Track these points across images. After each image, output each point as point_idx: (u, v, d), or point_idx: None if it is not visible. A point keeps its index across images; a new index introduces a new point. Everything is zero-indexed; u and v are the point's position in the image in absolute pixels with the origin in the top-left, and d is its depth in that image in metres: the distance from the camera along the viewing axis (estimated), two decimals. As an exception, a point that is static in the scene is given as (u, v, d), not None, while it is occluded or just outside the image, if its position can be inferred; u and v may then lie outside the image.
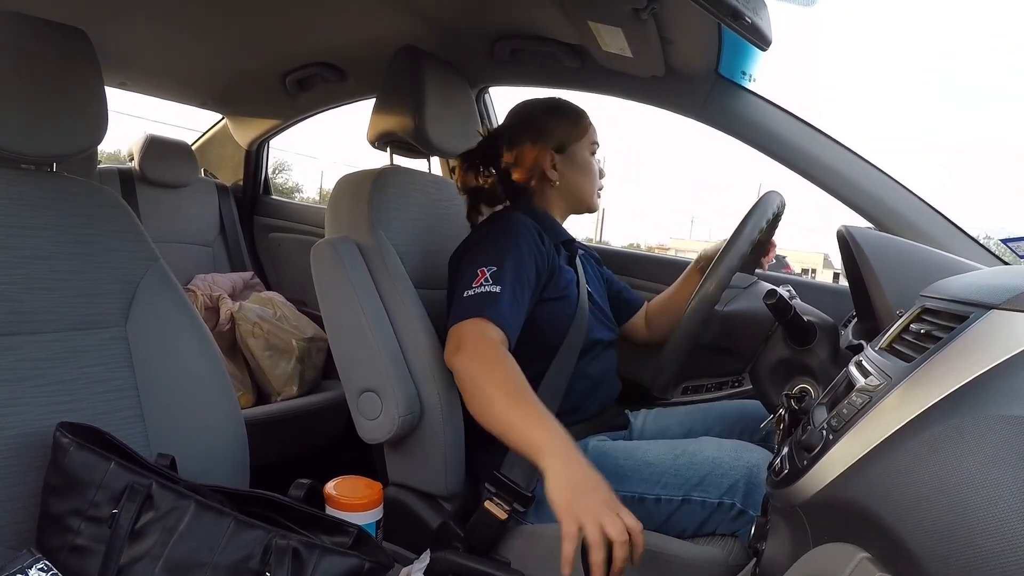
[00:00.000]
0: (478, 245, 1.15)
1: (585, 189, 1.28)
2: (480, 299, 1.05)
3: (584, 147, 1.27)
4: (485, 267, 1.08)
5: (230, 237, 2.38)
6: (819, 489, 0.55)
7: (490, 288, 1.06)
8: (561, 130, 1.26)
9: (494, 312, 1.03)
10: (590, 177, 1.28)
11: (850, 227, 0.99)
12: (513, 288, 1.07)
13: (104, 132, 0.96)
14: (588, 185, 1.28)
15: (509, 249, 1.11)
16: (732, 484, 0.99)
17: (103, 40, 1.00)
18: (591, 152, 1.29)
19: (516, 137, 1.28)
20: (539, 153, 1.25)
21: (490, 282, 1.06)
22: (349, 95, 1.97)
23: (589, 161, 1.28)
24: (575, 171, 1.27)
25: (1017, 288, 0.51)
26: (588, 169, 1.28)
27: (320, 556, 0.75)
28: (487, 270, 1.08)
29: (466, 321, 1.03)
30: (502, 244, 1.12)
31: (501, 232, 1.15)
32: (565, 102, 1.31)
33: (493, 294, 1.05)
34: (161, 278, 0.99)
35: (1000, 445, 0.41)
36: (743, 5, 0.87)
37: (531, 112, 1.29)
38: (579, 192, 1.28)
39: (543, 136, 1.26)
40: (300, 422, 1.77)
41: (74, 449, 0.77)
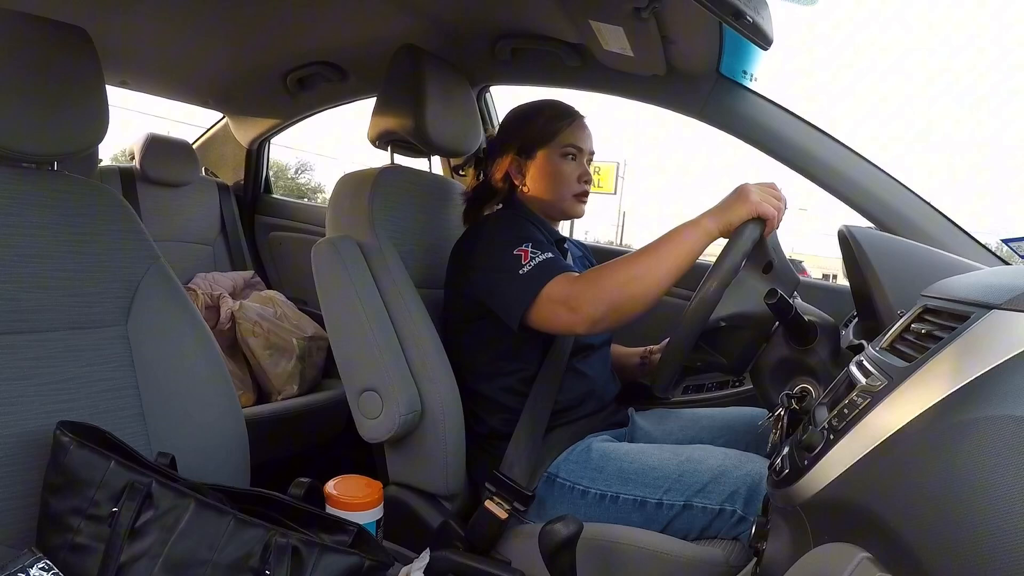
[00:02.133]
0: (496, 236, 1.14)
1: (553, 195, 1.24)
2: (540, 268, 1.05)
3: (554, 152, 1.23)
4: (522, 246, 1.07)
5: (231, 236, 2.38)
6: (820, 489, 0.55)
7: (541, 258, 1.06)
8: (528, 134, 1.24)
9: (562, 268, 1.05)
10: (558, 183, 1.23)
11: (851, 227, 0.99)
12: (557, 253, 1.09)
13: (105, 131, 0.96)
14: (555, 191, 1.24)
15: (530, 234, 1.12)
16: (733, 491, 0.99)
17: (104, 39, 1.00)
18: (565, 155, 1.23)
19: (496, 140, 1.28)
20: (505, 158, 1.25)
21: (539, 254, 1.06)
22: (350, 94, 1.97)
23: (559, 166, 1.23)
24: (541, 176, 1.24)
25: (1018, 288, 0.51)
26: (556, 175, 1.23)
27: (320, 554, 0.76)
28: (526, 247, 1.07)
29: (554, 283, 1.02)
30: (521, 230, 1.13)
31: (511, 224, 1.15)
32: (544, 105, 1.28)
33: (549, 259, 1.06)
34: (162, 277, 0.99)
35: (1001, 445, 0.41)
36: (745, 4, 0.87)
37: (511, 115, 1.29)
38: (547, 198, 1.25)
39: (511, 140, 1.25)
40: (300, 421, 1.77)
41: (74, 448, 0.77)
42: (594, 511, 1.06)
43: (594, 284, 1.00)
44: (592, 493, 1.06)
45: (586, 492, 1.07)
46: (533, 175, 1.25)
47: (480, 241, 1.16)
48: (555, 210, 1.26)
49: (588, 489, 1.07)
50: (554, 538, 0.83)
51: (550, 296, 1.02)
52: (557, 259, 1.08)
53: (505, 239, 1.11)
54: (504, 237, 1.11)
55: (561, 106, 1.27)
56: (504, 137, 1.27)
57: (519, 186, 1.26)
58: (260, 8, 1.53)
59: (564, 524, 0.84)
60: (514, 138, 1.25)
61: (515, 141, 1.25)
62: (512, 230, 1.13)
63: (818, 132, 1.34)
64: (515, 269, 1.06)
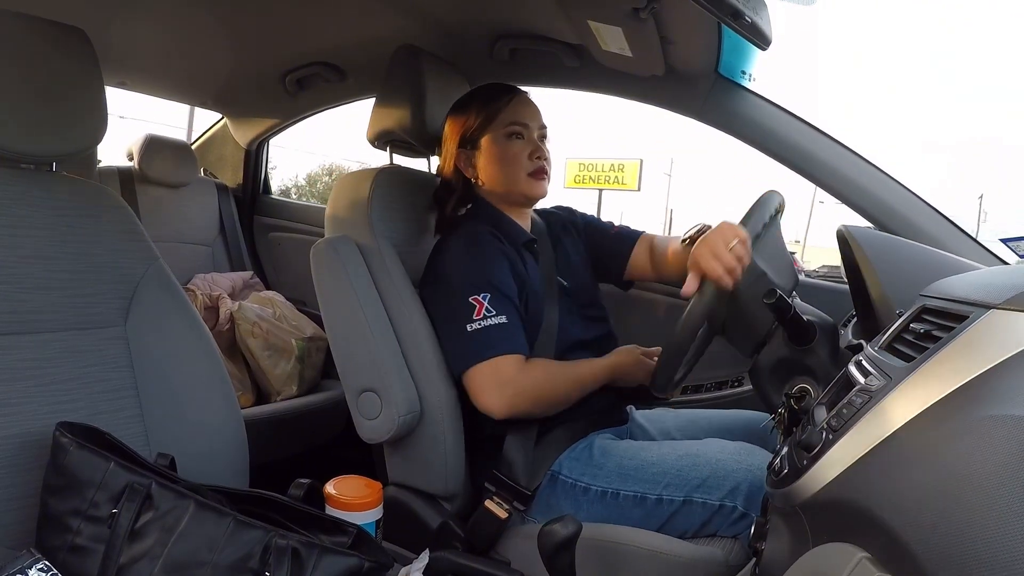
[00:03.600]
0: (459, 267, 1.13)
1: (506, 178, 1.19)
2: (493, 333, 1.07)
3: (498, 133, 1.18)
4: (479, 295, 1.08)
5: (230, 237, 2.37)
6: (819, 489, 0.55)
7: (496, 320, 1.07)
8: (465, 124, 1.20)
9: (512, 345, 1.08)
10: (508, 165, 1.18)
11: (850, 226, 0.99)
12: (513, 311, 1.10)
13: (104, 132, 0.96)
14: (507, 175, 1.19)
15: (492, 270, 1.11)
16: (734, 487, 0.99)
17: (102, 40, 1.00)
18: (510, 135, 1.18)
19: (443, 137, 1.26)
20: (449, 153, 1.23)
21: (492, 313, 1.07)
22: (349, 95, 1.97)
23: (504, 146, 1.18)
24: (488, 163, 1.20)
25: (1017, 287, 0.51)
26: (506, 156, 1.18)
27: (320, 556, 0.75)
28: (482, 299, 1.08)
29: (492, 362, 1.07)
30: (483, 266, 1.11)
31: (473, 253, 1.13)
32: (477, 90, 1.25)
33: (502, 326, 1.07)
34: (161, 278, 0.99)
35: (1000, 445, 0.41)
36: (743, 4, 0.87)
37: (450, 109, 1.26)
38: (503, 183, 1.20)
39: (451, 136, 1.22)
40: (300, 422, 1.77)
41: (74, 449, 0.77)
42: (596, 508, 1.06)
43: (531, 386, 1.08)
44: (593, 490, 1.06)
45: (588, 489, 1.07)
46: (482, 165, 1.21)
47: (443, 266, 1.16)
48: (515, 196, 1.21)
49: (590, 486, 1.07)
50: (553, 538, 0.83)
51: (490, 371, 1.07)
52: (508, 327, 1.08)
53: (471, 275, 1.10)
54: (470, 272, 1.11)
55: (496, 86, 1.23)
56: (447, 131, 1.24)
57: (473, 180, 1.23)
58: (259, 9, 1.53)
59: (563, 524, 0.84)
60: (452, 134, 1.22)
61: (452, 136, 1.22)
62: (479, 265, 1.11)
63: (817, 132, 1.34)
64: (464, 322, 1.08)
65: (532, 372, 1.08)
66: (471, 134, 1.20)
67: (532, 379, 1.08)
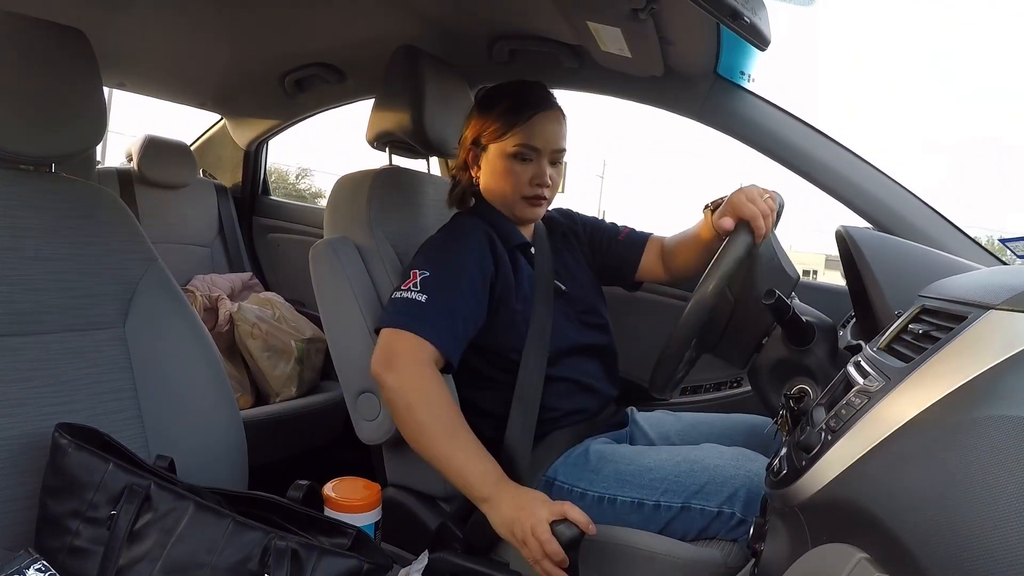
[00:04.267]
0: (426, 245, 1.13)
1: (502, 195, 1.17)
2: (406, 306, 1.03)
3: (504, 149, 1.14)
4: (418, 269, 1.06)
5: (229, 238, 2.38)
6: (817, 490, 0.55)
7: (415, 295, 1.03)
8: (483, 124, 1.17)
9: (426, 327, 1.00)
10: (506, 183, 1.16)
11: (849, 227, 0.99)
12: (442, 298, 1.03)
13: (103, 133, 0.96)
14: (507, 192, 1.16)
15: (452, 256, 1.08)
16: (732, 493, 0.99)
17: (102, 41, 1.00)
18: (517, 156, 1.14)
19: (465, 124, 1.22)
20: (464, 145, 1.20)
21: (417, 288, 1.04)
22: (348, 95, 1.97)
23: (508, 165, 1.15)
24: (489, 172, 1.18)
25: (1015, 288, 0.51)
26: (504, 174, 1.15)
27: (319, 557, 0.75)
28: (419, 273, 1.05)
29: (398, 332, 1.01)
30: (446, 249, 1.10)
31: (449, 236, 1.13)
32: (509, 93, 1.18)
33: (418, 303, 1.02)
34: (160, 279, 0.99)
35: (999, 445, 0.41)
36: (742, 5, 0.87)
37: (480, 96, 1.23)
38: (498, 198, 1.19)
39: (470, 129, 1.20)
40: (299, 423, 1.77)
41: (73, 450, 0.76)
42: (592, 514, 1.05)
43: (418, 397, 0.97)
44: (590, 496, 1.06)
45: (584, 495, 1.06)
46: (484, 169, 1.19)
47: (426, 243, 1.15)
48: (505, 209, 1.19)
49: (586, 492, 1.06)
50: (558, 540, 0.82)
51: (387, 338, 1.01)
52: (424, 308, 1.02)
53: (428, 252, 1.11)
54: (430, 250, 1.11)
55: (527, 98, 1.16)
56: (468, 122, 1.21)
57: (475, 177, 1.21)
58: (258, 9, 1.53)
59: (567, 526, 0.84)
60: (470, 126, 1.20)
61: (473, 129, 1.19)
62: (443, 247, 1.10)
63: (816, 133, 1.34)
64: (395, 288, 1.07)
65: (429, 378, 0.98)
66: (484, 138, 1.18)
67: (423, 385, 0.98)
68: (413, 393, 0.97)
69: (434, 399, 0.98)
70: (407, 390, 0.97)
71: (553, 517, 0.87)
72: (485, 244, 1.13)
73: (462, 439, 0.97)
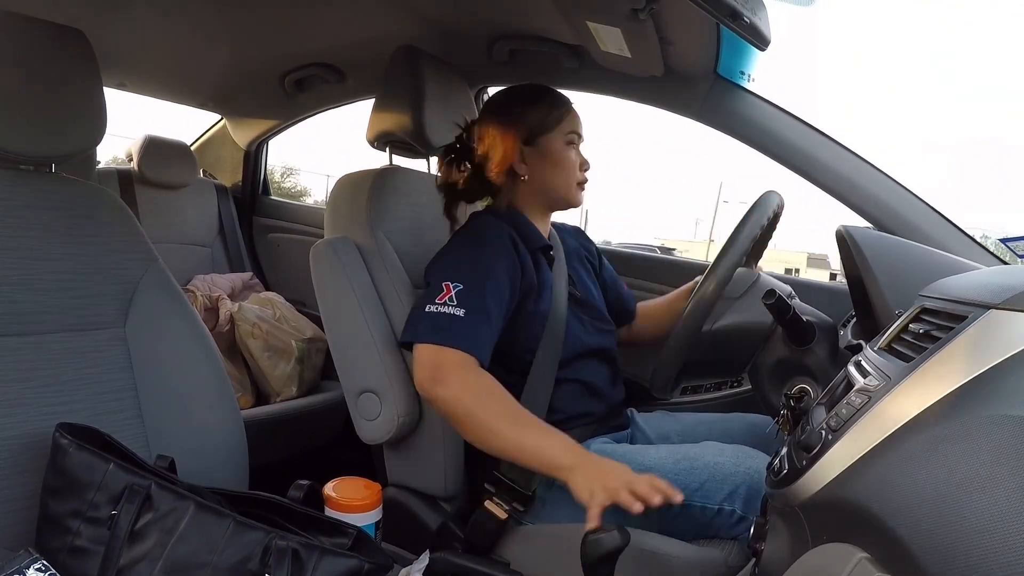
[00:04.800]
0: (451, 253, 1.12)
1: (556, 183, 1.20)
2: (448, 322, 1.03)
3: (558, 138, 1.19)
4: (451, 282, 1.06)
5: (229, 238, 2.38)
6: (818, 489, 0.55)
7: (452, 310, 1.04)
8: (531, 120, 1.19)
9: (468, 341, 1.03)
10: (563, 170, 1.20)
11: (849, 227, 0.99)
12: (479, 311, 1.05)
13: (103, 133, 0.96)
14: (560, 179, 1.20)
15: (482, 265, 1.08)
16: (732, 490, 0.99)
17: (101, 41, 1.00)
18: (568, 143, 1.20)
19: (488, 129, 1.20)
20: (508, 145, 1.19)
21: (454, 302, 1.04)
22: (348, 95, 1.97)
23: (562, 153, 1.19)
24: (544, 164, 1.19)
25: (1016, 288, 0.51)
26: (560, 162, 1.19)
27: (319, 557, 0.75)
28: (453, 287, 1.05)
29: (441, 348, 1.02)
30: (475, 257, 1.09)
31: (475, 243, 1.12)
32: (542, 89, 1.23)
33: (458, 319, 1.03)
34: (160, 279, 0.99)
35: (999, 445, 0.41)
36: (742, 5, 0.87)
37: (504, 102, 1.23)
38: (550, 186, 1.20)
39: (512, 126, 1.19)
40: (299, 423, 1.77)
41: (73, 450, 0.76)
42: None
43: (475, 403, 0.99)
44: None
45: None
46: (536, 164, 1.19)
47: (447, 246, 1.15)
48: (558, 200, 1.22)
49: None
50: (598, 548, 0.80)
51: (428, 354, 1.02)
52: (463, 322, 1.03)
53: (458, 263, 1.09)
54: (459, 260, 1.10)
55: (557, 92, 1.24)
56: (499, 124, 1.20)
57: (522, 176, 1.20)
58: (258, 9, 1.53)
59: (611, 536, 0.80)
60: (513, 125, 1.19)
61: (515, 127, 1.19)
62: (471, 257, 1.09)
63: (816, 132, 1.34)
64: (427, 303, 1.06)
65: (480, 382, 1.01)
66: (534, 132, 1.19)
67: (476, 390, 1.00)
68: (470, 399, 1.00)
69: (490, 396, 1.00)
70: (463, 398, 1.00)
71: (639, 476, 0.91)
72: (511, 247, 1.13)
73: (525, 422, 0.99)
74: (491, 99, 1.26)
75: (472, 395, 1.00)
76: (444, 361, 1.02)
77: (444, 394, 1.00)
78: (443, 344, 1.02)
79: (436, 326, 1.04)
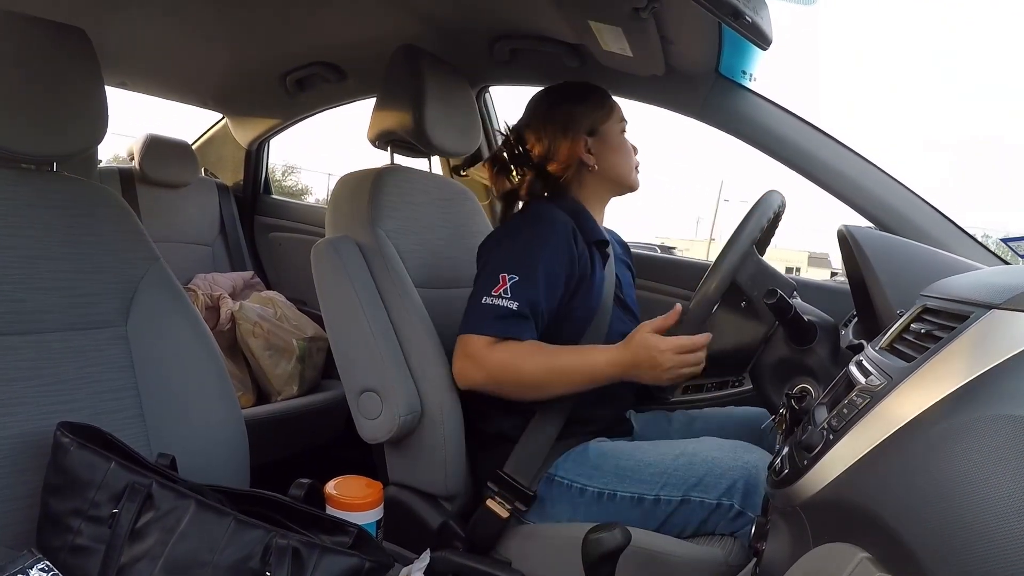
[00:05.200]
0: (509, 241, 1.12)
1: (624, 167, 1.25)
2: (499, 313, 1.05)
3: (614, 125, 1.25)
4: (508, 273, 1.07)
5: (230, 237, 2.38)
6: (819, 489, 0.55)
7: (507, 303, 1.05)
8: (589, 113, 1.23)
9: (521, 330, 1.06)
10: (625, 155, 1.26)
11: (851, 227, 0.99)
12: (531, 304, 1.07)
13: (104, 132, 0.96)
14: (626, 163, 1.26)
15: (540, 258, 1.09)
16: (731, 485, 0.99)
17: (103, 40, 1.00)
18: (622, 130, 1.27)
19: (545, 129, 1.23)
20: (573, 142, 1.21)
21: (508, 295, 1.06)
22: (349, 95, 1.97)
23: (622, 139, 1.26)
24: (610, 151, 1.24)
25: (1018, 287, 0.51)
26: (622, 147, 1.26)
27: (320, 556, 0.76)
28: (508, 279, 1.06)
29: (483, 338, 1.05)
30: (533, 251, 1.09)
31: (536, 234, 1.12)
32: (585, 85, 1.28)
33: (510, 311, 1.05)
34: (161, 278, 0.99)
35: (1001, 445, 0.41)
36: (744, 4, 0.87)
37: (554, 101, 1.26)
38: (618, 171, 1.25)
39: (573, 123, 1.22)
40: (300, 422, 1.77)
41: (74, 449, 0.77)
42: (592, 509, 1.06)
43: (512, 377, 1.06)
44: (590, 491, 1.06)
45: (584, 490, 1.07)
46: (602, 152, 1.23)
47: (505, 232, 1.16)
48: (623, 185, 1.27)
49: (586, 487, 1.07)
50: (599, 547, 0.79)
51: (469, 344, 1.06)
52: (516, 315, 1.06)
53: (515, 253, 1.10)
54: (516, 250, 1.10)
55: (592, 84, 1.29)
56: (558, 124, 1.22)
57: (591, 166, 1.22)
58: (259, 9, 1.53)
59: (612, 535, 0.79)
60: (573, 122, 1.22)
61: (576, 124, 1.22)
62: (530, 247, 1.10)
63: (817, 132, 1.34)
64: (483, 293, 1.07)
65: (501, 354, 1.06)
66: (597, 122, 1.24)
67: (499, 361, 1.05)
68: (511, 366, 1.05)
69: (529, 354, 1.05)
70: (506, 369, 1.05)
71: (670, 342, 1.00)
72: (570, 238, 1.13)
73: (566, 356, 1.06)
74: (536, 101, 1.28)
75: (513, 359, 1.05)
76: (474, 349, 1.05)
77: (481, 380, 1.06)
78: (498, 335, 1.05)
79: (490, 318, 1.05)
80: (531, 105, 1.28)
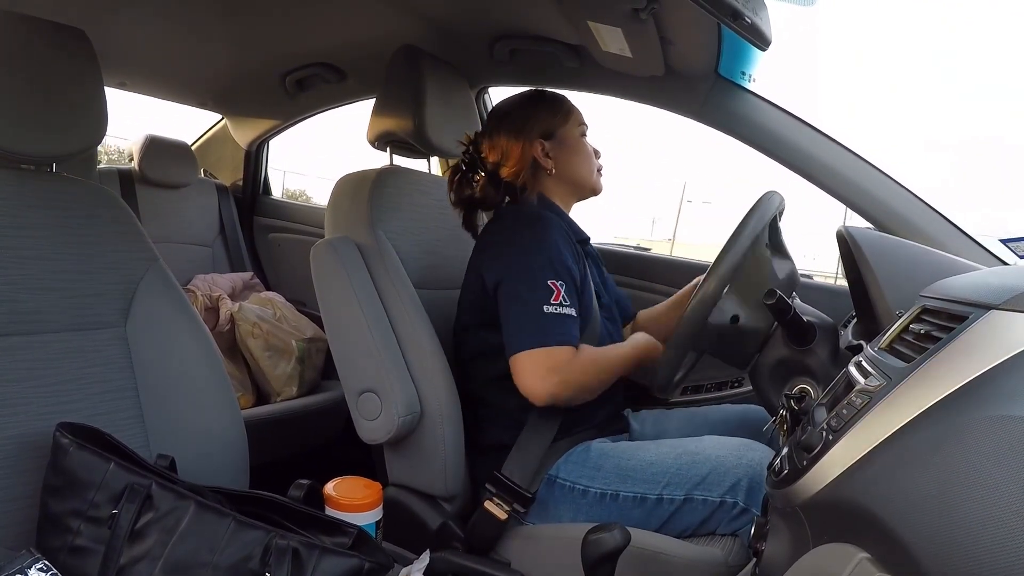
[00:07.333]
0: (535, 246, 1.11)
1: (583, 170, 1.24)
2: (561, 321, 1.06)
3: (572, 129, 1.24)
4: (557, 281, 1.07)
5: (230, 237, 2.38)
6: (819, 489, 0.55)
7: (567, 311, 1.06)
8: (544, 118, 1.22)
9: (571, 337, 1.07)
10: (585, 158, 1.24)
11: (850, 227, 0.99)
12: (577, 303, 1.10)
13: (104, 132, 0.96)
14: (585, 166, 1.24)
15: (566, 258, 1.11)
16: (734, 483, 0.99)
17: (103, 40, 1.00)
18: (581, 134, 1.25)
19: (497, 134, 1.22)
20: (525, 145, 1.20)
21: (567, 303, 1.07)
22: (348, 95, 1.97)
23: (580, 142, 1.24)
24: (569, 154, 1.23)
25: (1017, 288, 0.51)
26: (581, 150, 1.24)
27: (320, 556, 0.76)
28: (560, 286, 1.07)
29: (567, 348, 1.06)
30: (560, 253, 1.10)
31: (546, 237, 1.11)
32: (542, 91, 1.27)
33: (571, 317, 1.07)
34: (161, 278, 0.99)
35: (1000, 445, 0.41)
36: (743, 5, 0.87)
37: (509, 107, 1.26)
38: (578, 175, 1.24)
39: (526, 127, 1.21)
40: (300, 422, 1.77)
41: (74, 449, 0.76)
42: (595, 510, 1.06)
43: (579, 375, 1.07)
44: (592, 492, 1.06)
45: (586, 491, 1.07)
46: (559, 155, 1.22)
47: (511, 248, 1.12)
48: (584, 188, 1.26)
49: (588, 488, 1.07)
50: (599, 548, 0.79)
51: (544, 357, 1.04)
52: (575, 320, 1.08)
53: (541, 258, 1.09)
54: (540, 255, 1.09)
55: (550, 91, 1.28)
56: (511, 129, 1.21)
57: (548, 169, 1.21)
58: (259, 9, 1.53)
59: (612, 535, 0.79)
60: (526, 126, 1.21)
61: (529, 128, 1.21)
62: (553, 251, 1.10)
63: (816, 133, 1.34)
64: (541, 304, 1.06)
65: (580, 361, 1.07)
66: (552, 126, 1.23)
67: (580, 368, 1.07)
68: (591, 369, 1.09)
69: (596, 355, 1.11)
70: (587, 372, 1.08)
71: None
72: (571, 240, 1.16)
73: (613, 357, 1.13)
74: (495, 111, 1.27)
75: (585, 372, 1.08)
76: (557, 360, 1.05)
77: (562, 391, 1.05)
78: (557, 344, 1.05)
79: (552, 328, 1.06)
80: (491, 111, 1.28)
